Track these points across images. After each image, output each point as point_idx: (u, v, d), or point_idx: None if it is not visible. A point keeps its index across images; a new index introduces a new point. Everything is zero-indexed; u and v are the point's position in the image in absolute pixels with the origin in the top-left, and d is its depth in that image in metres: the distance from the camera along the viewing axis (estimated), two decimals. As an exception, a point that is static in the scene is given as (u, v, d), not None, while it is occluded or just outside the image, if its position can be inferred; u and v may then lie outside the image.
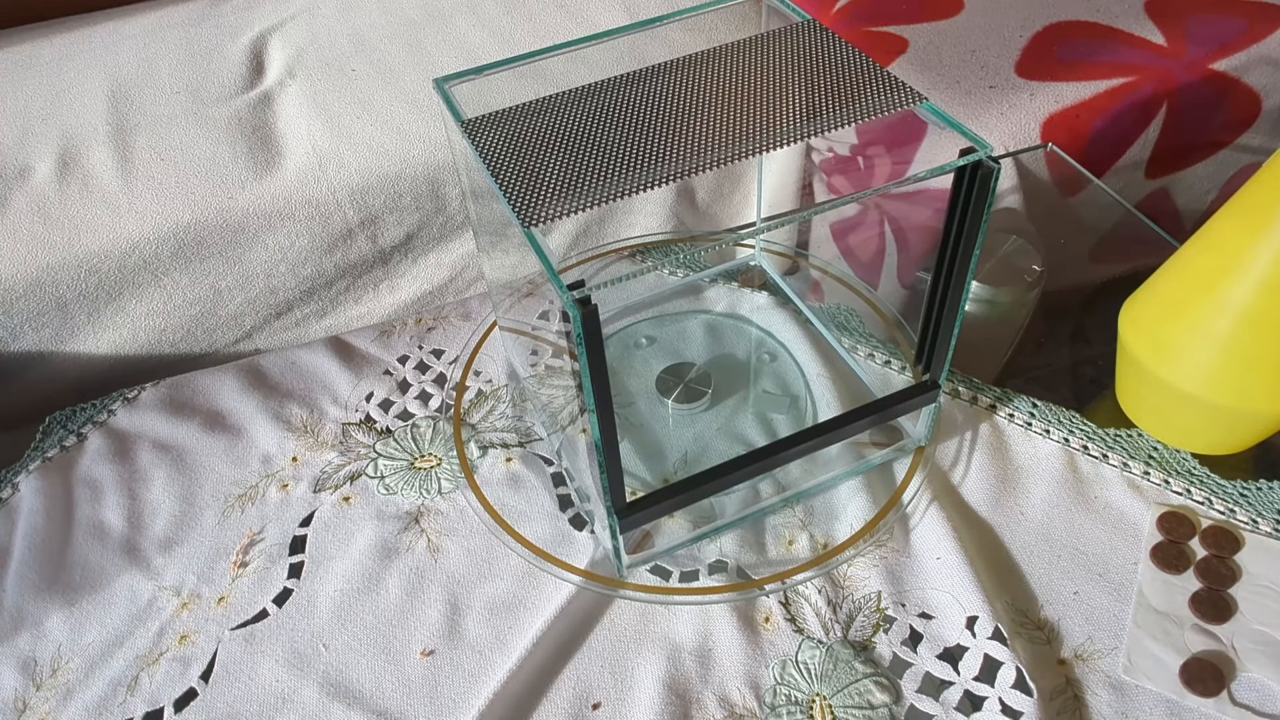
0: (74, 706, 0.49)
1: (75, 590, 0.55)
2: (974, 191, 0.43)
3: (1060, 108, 0.75)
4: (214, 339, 0.74)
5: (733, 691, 0.48)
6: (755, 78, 0.47)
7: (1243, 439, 0.54)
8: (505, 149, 0.45)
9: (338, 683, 0.49)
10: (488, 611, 0.52)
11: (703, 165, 0.42)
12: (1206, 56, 0.77)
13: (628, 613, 0.52)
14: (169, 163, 0.72)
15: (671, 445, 0.60)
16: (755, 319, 0.67)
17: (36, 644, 0.52)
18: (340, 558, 0.55)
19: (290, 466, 0.61)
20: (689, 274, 0.71)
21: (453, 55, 0.81)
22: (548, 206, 0.41)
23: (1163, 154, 0.80)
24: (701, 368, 0.63)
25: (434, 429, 0.62)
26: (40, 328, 0.68)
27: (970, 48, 0.80)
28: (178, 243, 0.68)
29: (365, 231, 0.74)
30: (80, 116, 0.76)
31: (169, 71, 0.81)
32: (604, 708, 0.48)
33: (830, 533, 0.54)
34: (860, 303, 0.67)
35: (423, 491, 0.58)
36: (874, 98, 0.45)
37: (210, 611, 0.53)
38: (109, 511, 0.59)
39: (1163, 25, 0.81)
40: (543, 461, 0.60)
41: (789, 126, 0.44)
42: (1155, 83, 0.76)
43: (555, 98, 0.48)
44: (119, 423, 0.64)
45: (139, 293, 0.69)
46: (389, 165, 0.72)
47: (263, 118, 0.76)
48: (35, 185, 0.70)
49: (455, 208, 0.76)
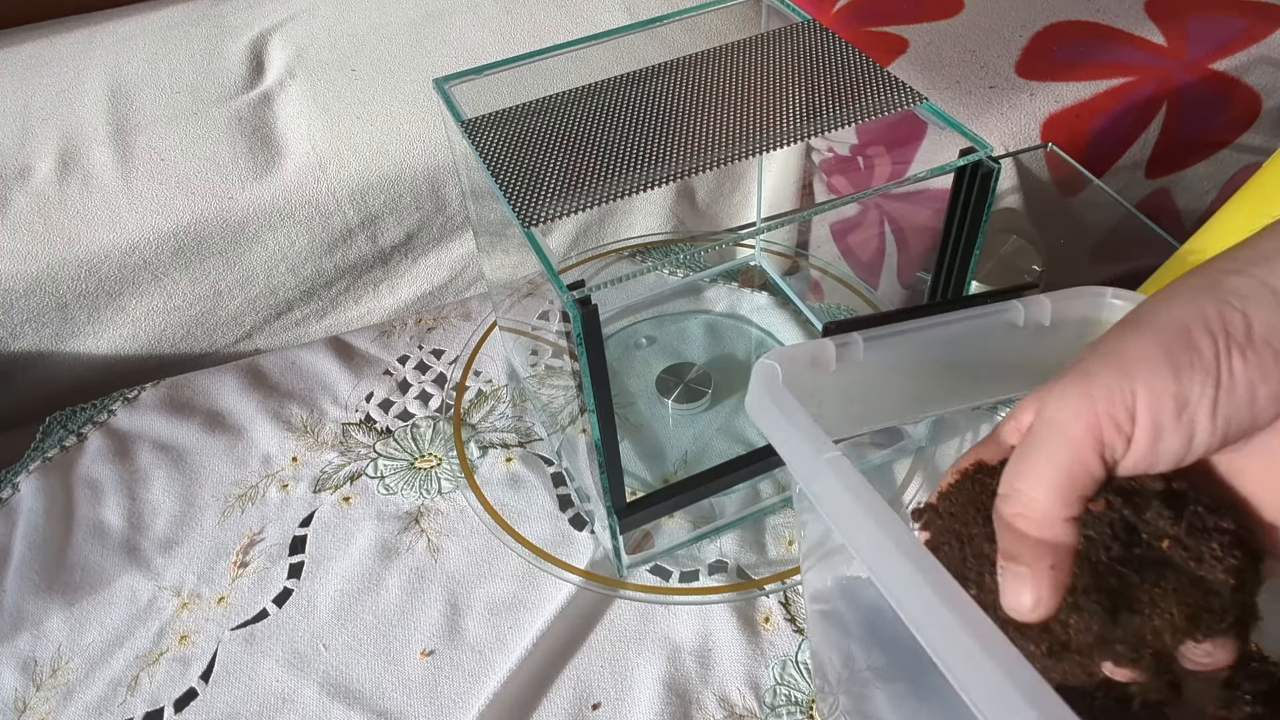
0: (74, 706, 0.49)
1: (75, 590, 0.55)
2: (974, 191, 0.43)
3: (1060, 108, 0.75)
4: (214, 339, 0.74)
5: (733, 691, 0.48)
6: (755, 78, 0.47)
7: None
8: (505, 149, 0.45)
9: (338, 683, 0.49)
10: (488, 611, 0.52)
11: (703, 165, 0.42)
12: (1206, 56, 0.77)
13: (628, 613, 0.52)
14: (169, 163, 0.72)
15: (671, 445, 0.60)
16: (755, 319, 0.67)
17: (36, 644, 0.52)
18: (340, 558, 0.55)
19: (290, 466, 0.61)
20: (689, 274, 0.71)
21: (453, 55, 0.81)
22: (548, 206, 0.41)
23: (1163, 154, 0.80)
24: (701, 368, 0.63)
25: (434, 429, 0.62)
26: (40, 328, 0.68)
27: (970, 48, 0.80)
28: (178, 243, 0.68)
29: (365, 232, 0.74)
30: (81, 116, 0.76)
31: (169, 71, 0.81)
32: (604, 708, 0.48)
33: (830, 533, 0.54)
34: (860, 303, 0.67)
35: (423, 491, 0.58)
36: (874, 98, 0.45)
37: (210, 611, 0.53)
38: (109, 511, 0.59)
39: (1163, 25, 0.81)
40: (543, 461, 0.60)
41: (789, 126, 0.44)
42: (1155, 83, 0.76)
43: (555, 98, 0.48)
44: (119, 423, 0.64)
45: (139, 293, 0.69)
46: (389, 165, 0.72)
47: (263, 118, 0.76)
48: (36, 185, 0.70)
49: (455, 208, 0.76)
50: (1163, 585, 0.26)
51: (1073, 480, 0.26)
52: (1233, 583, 0.26)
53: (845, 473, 0.29)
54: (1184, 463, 0.26)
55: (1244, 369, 0.24)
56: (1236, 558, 0.26)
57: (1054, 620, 0.27)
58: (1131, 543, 0.27)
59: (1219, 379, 0.24)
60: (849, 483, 0.29)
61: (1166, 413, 0.25)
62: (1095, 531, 0.27)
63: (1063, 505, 0.26)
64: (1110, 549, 0.27)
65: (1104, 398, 0.25)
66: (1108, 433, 0.25)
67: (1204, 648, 0.26)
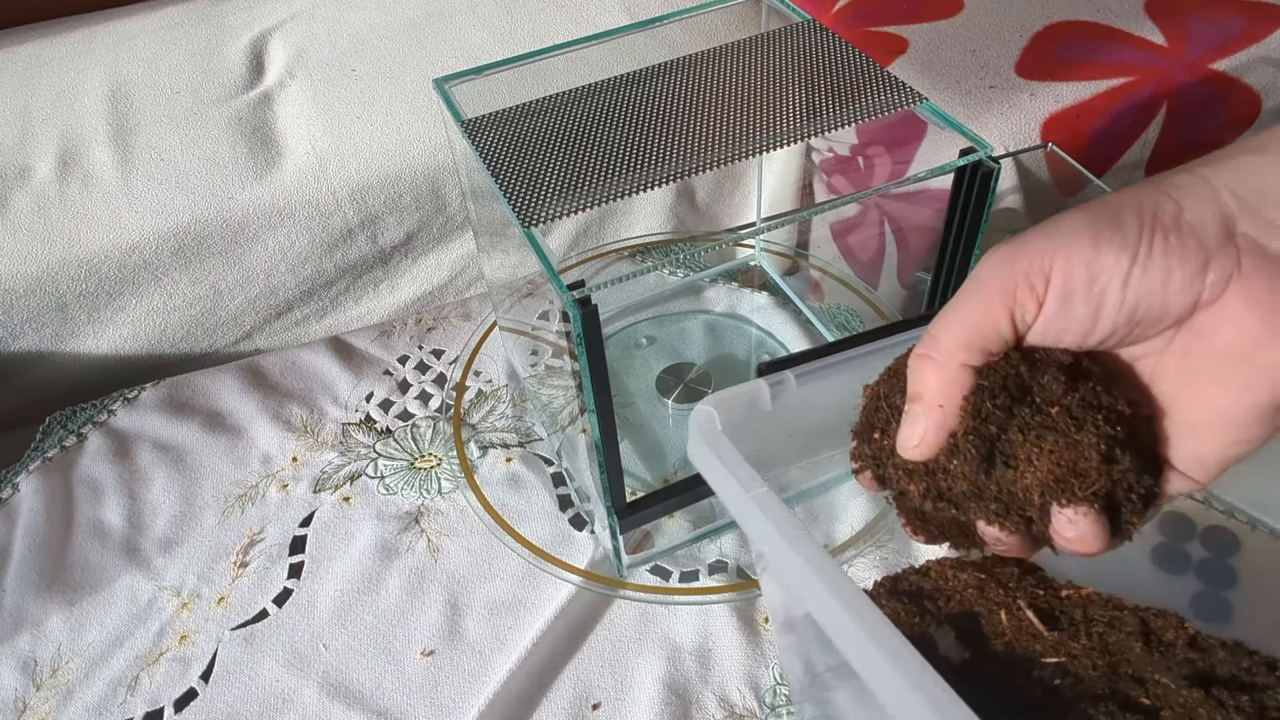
0: (74, 706, 0.49)
1: (75, 590, 0.55)
2: (974, 191, 0.43)
3: (1060, 108, 0.75)
4: (214, 339, 0.74)
5: (732, 691, 0.48)
6: (755, 78, 0.47)
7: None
8: (505, 149, 0.45)
9: (338, 683, 0.49)
10: (488, 611, 0.52)
11: (703, 165, 0.42)
12: (1206, 56, 0.77)
13: (628, 613, 0.52)
14: (169, 163, 0.72)
15: (671, 445, 0.60)
16: (755, 319, 0.67)
17: (36, 644, 0.52)
18: (340, 558, 0.55)
19: (290, 466, 0.61)
20: (689, 274, 0.71)
21: (453, 55, 0.81)
22: (548, 206, 0.41)
23: (1163, 154, 0.80)
24: (701, 368, 0.63)
25: (434, 429, 0.62)
26: (40, 328, 0.68)
27: (970, 48, 0.80)
28: (178, 243, 0.68)
29: (365, 231, 0.74)
30: (81, 116, 0.76)
31: (169, 71, 0.81)
32: (604, 708, 0.48)
33: (830, 533, 0.54)
34: (860, 303, 0.67)
35: (423, 491, 0.58)
36: (874, 98, 0.45)
37: (210, 611, 0.53)
38: (109, 511, 0.59)
39: (1163, 25, 0.81)
40: (543, 461, 0.60)
41: (789, 126, 0.44)
42: (1155, 83, 0.76)
43: (555, 98, 0.48)
44: (119, 423, 0.64)
45: (139, 293, 0.69)
46: (389, 165, 0.72)
47: (263, 118, 0.76)
48: (36, 185, 0.70)
49: (455, 208, 0.76)
50: (1040, 444, 0.27)
51: (979, 329, 0.28)
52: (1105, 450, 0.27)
53: (770, 506, 0.33)
54: (1094, 338, 0.27)
55: (1163, 250, 0.25)
56: (1119, 432, 0.27)
57: (936, 466, 0.29)
58: (1022, 401, 0.28)
59: (1136, 254, 0.25)
60: (772, 515, 0.33)
61: (1078, 279, 0.26)
62: (989, 381, 0.28)
63: (963, 348, 0.28)
64: (997, 398, 0.28)
65: (1024, 260, 0.26)
66: (1020, 292, 0.27)
67: (1067, 513, 0.27)
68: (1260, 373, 0.25)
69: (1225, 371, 0.26)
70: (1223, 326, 0.25)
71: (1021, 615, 0.37)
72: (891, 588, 0.46)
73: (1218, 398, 0.26)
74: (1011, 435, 0.28)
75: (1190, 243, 0.25)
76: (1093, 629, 0.35)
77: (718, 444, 0.36)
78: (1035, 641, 0.35)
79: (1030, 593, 0.40)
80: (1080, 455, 0.27)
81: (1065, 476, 0.27)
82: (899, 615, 0.42)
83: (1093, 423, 0.27)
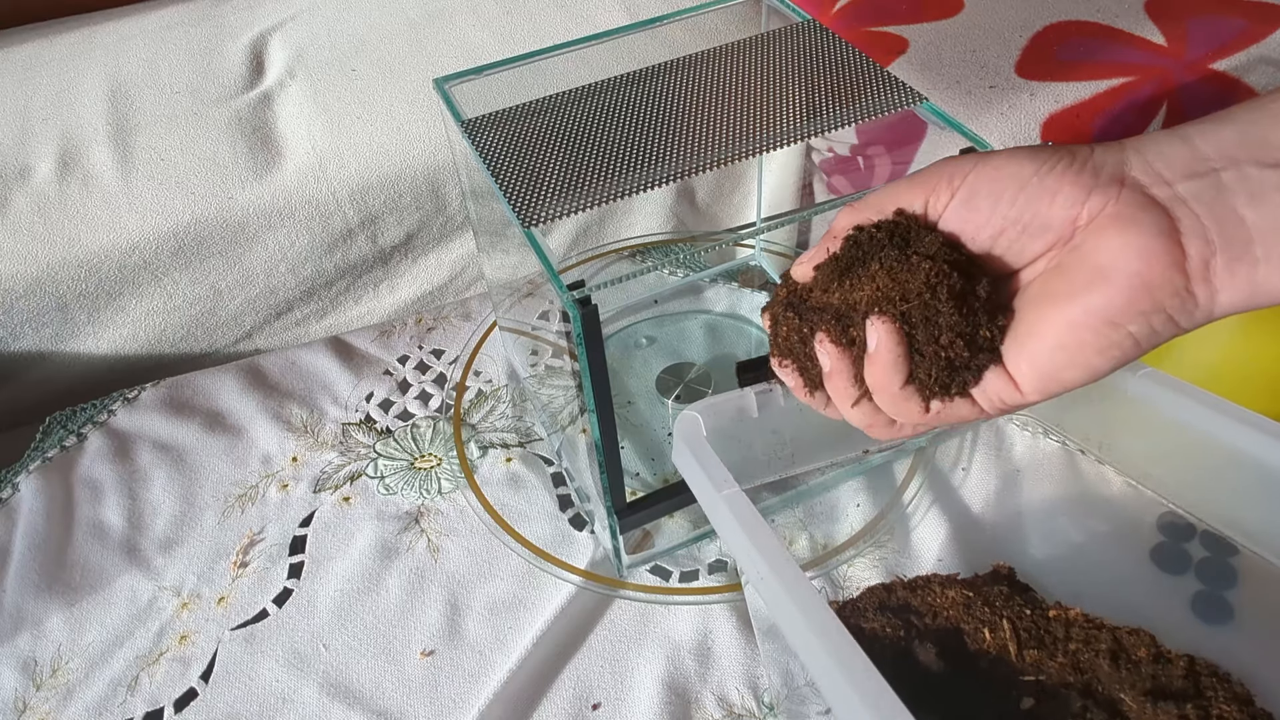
0: (74, 706, 0.49)
1: (75, 590, 0.55)
2: (974, 191, 0.43)
3: (1060, 108, 0.75)
4: (214, 339, 0.74)
5: (732, 691, 0.48)
6: (755, 78, 0.47)
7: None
8: (505, 149, 0.45)
9: (338, 683, 0.49)
10: (488, 611, 0.52)
11: (703, 165, 0.42)
12: (1206, 56, 0.77)
13: (628, 613, 0.52)
14: (169, 162, 0.71)
15: (671, 445, 0.59)
16: (755, 319, 0.67)
17: (36, 644, 0.52)
18: (340, 558, 0.55)
19: (290, 466, 0.61)
20: (689, 274, 0.71)
21: (453, 55, 0.81)
22: (548, 206, 0.41)
23: (1163, 154, 0.80)
24: (701, 368, 0.63)
25: (434, 429, 0.62)
26: (40, 328, 0.68)
27: (970, 48, 0.80)
28: (178, 243, 0.68)
29: (365, 231, 0.74)
30: (81, 116, 0.76)
31: (169, 71, 0.81)
32: (604, 708, 0.48)
33: (830, 533, 0.54)
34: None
35: (423, 491, 0.59)
36: (874, 98, 0.45)
37: (210, 611, 0.53)
38: (109, 511, 0.59)
39: (1163, 25, 0.81)
40: (543, 461, 0.60)
41: (789, 126, 0.44)
42: (1155, 83, 0.76)
43: (555, 98, 0.48)
44: (119, 423, 0.64)
45: (139, 293, 0.69)
46: (389, 165, 0.72)
47: (263, 117, 0.76)
48: (36, 185, 0.70)
49: (455, 208, 0.76)
50: (887, 270, 0.32)
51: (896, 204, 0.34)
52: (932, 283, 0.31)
53: (739, 507, 0.35)
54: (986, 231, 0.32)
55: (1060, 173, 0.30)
56: (954, 281, 0.31)
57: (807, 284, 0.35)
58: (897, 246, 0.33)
59: (1038, 170, 0.30)
60: (739, 514, 0.35)
61: (985, 180, 0.32)
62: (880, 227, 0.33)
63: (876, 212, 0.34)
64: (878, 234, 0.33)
65: (952, 165, 0.33)
66: (939, 185, 0.33)
67: (874, 321, 0.32)
68: (1115, 288, 0.29)
69: (1085, 284, 0.30)
70: (1096, 247, 0.30)
71: (1004, 634, 0.39)
72: (881, 600, 0.47)
73: (1067, 306, 0.30)
74: (871, 265, 0.33)
75: (1085, 176, 0.30)
76: (1069, 647, 0.38)
77: (697, 447, 0.38)
78: (1015, 659, 0.38)
79: (1017, 612, 0.41)
80: (909, 280, 0.31)
81: (889, 294, 0.32)
82: (883, 628, 0.43)
83: (935, 265, 0.31)
